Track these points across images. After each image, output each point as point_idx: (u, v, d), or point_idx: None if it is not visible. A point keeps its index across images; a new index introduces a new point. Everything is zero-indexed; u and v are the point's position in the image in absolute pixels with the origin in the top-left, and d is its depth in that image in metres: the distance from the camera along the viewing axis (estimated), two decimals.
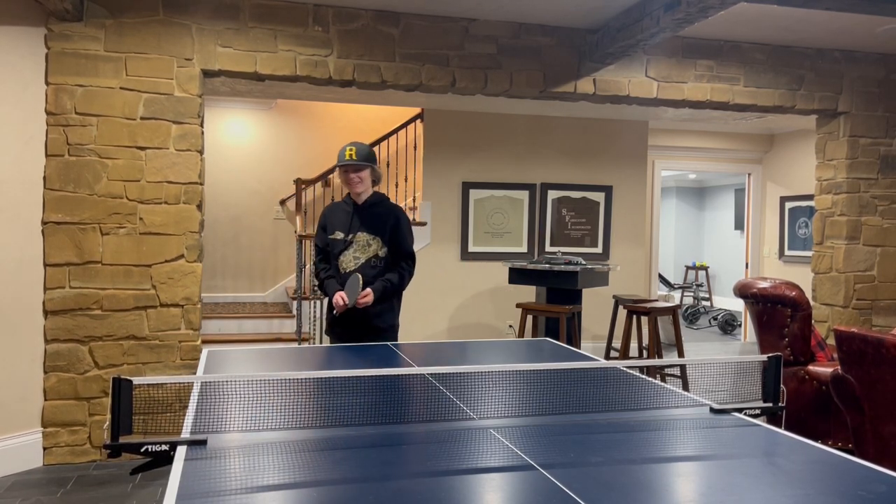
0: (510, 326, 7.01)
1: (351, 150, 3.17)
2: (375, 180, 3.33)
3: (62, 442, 3.99)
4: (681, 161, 8.10)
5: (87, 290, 3.98)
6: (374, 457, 1.59)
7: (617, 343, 7.10)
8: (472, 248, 6.90)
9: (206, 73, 4.20)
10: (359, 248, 3.25)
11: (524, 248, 7.08)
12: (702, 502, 1.34)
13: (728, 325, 9.23)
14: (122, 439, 1.65)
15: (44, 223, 3.93)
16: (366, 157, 3.20)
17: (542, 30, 4.68)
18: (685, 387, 5.34)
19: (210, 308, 6.55)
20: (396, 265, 3.30)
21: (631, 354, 7.12)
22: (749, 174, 8.42)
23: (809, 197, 7.66)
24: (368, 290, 3.18)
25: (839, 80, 5.26)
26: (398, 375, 2.42)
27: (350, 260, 3.27)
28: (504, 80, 4.64)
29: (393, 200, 7.31)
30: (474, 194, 6.91)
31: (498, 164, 6.97)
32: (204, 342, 5.55)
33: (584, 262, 5.50)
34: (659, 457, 1.60)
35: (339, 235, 3.29)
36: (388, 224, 3.27)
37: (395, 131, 6.76)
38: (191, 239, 4.14)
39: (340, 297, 3.16)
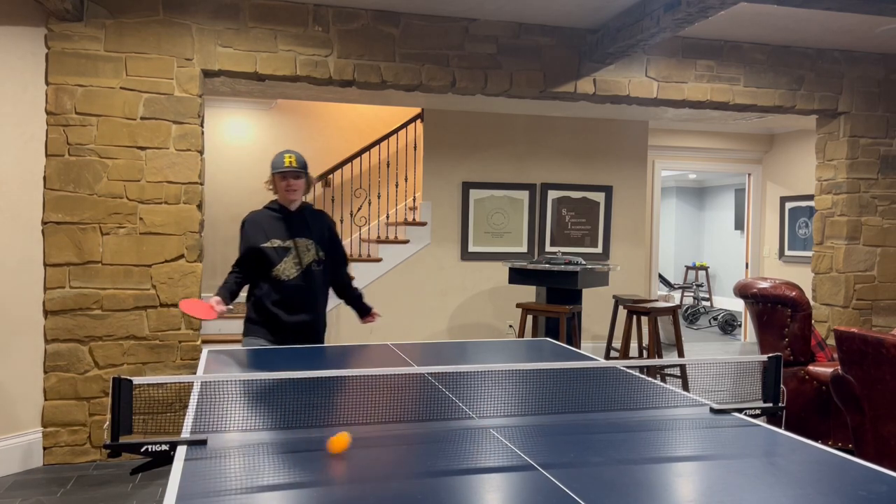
0: (510, 326, 7.01)
1: (290, 157, 3.17)
2: (307, 189, 3.32)
3: (62, 442, 3.99)
4: (681, 161, 8.10)
5: (87, 290, 3.98)
6: (374, 457, 1.59)
7: (617, 343, 7.10)
8: (472, 248, 6.90)
9: (206, 73, 4.20)
10: (299, 253, 3.20)
11: (524, 248, 7.08)
12: (702, 502, 1.34)
13: (728, 325, 9.23)
14: (122, 439, 1.65)
15: (44, 223, 3.93)
16: (303, 166, 3.22)
17: (542, 30, 4.68)
18: (685, 387, 5.34)
19: None
20: (338, 270, 3.38)
21: (631, 354, 7.12)
22: (749, 174, 8.42)
23: (809, 197, 7.66)
24: (375, 310, 3.50)
25: (839, 80, 5.26)
26: (398, 375, 2.43)
27: (290, 267, 3.18)
28: (504, 80, 4.64)
29: (393, 201, 7.36)
30: (474, 194, 6.90)
31: (498, 164, 6.97)
32: (204, 342, 5.55)
33: (584, 262, 5.50)
34: (659, 457, 1.60)
35: (277, 243, 3.17)
36: (324, 229, 3.30)
37: (395, 131, 6.75)
38: (191, 239, 4.14)
39: (217, 303, 3.05)
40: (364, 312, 3.48)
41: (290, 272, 3.19)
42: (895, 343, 3.07)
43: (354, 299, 3.47)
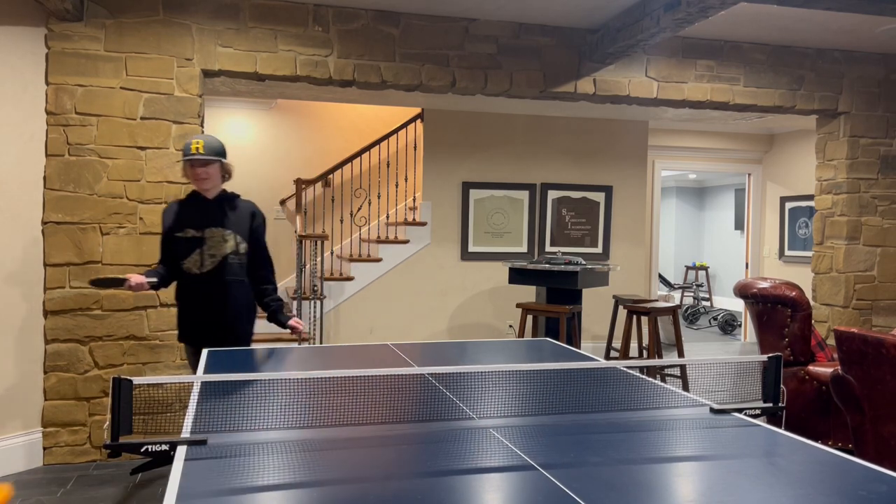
0: (510, 326, 7.01)
1: (198, 143, 2.98)
2: (225, 176, 3.12)
3: (62, 442, 3.99)
4: (681, 161, 8.10)
5: (87, 289, 3.98)
6: (374, 457, 1.59)
7: (617, 343, 7.10)
8: (472, 248, 6.90)
9: (206, 73, 4.20)
10: (213, 244, 3.02)
11: (524, 248, 7.08)
12: (702, 502, 1.34)
13: (728, 325, 9.23)
14: (122, 439, 1.65)
15: (44, 223, 3.93)
16: (214, 151, 3.02)
17: (542, 30, 4.68)
18: (685, 387, 5.34)
19: None
20: (257, 272, 3.14)
21: (631, 354, 7.12)
22: (749, 174, 8.42)
23: (809, 197, 7.66)
24: (296, 320, 3.16)
25: (839, 80, 5.26)
26: (398, 375, 2.42)
27: (203, 259, 3.01)
28: (504, 80, 4.64)
29: (393, 201, 7.35)
30: (474, 194, 6.90)
31: (498, 164, 6.97)
32: None
33: (584, 262, 5.50)
34: (659, 457, 1.60)
35: (191, 233, 3.02)
36: (246, 220, 3.10)
37: (395, 131, 6.75)
38: None
39: (140, 277, 2.96)
40: (281, 325, 3.19)
41: (204, 265, 3.01)
42: (895, 343, 3.07)
43: (269, 308, 3.17)
